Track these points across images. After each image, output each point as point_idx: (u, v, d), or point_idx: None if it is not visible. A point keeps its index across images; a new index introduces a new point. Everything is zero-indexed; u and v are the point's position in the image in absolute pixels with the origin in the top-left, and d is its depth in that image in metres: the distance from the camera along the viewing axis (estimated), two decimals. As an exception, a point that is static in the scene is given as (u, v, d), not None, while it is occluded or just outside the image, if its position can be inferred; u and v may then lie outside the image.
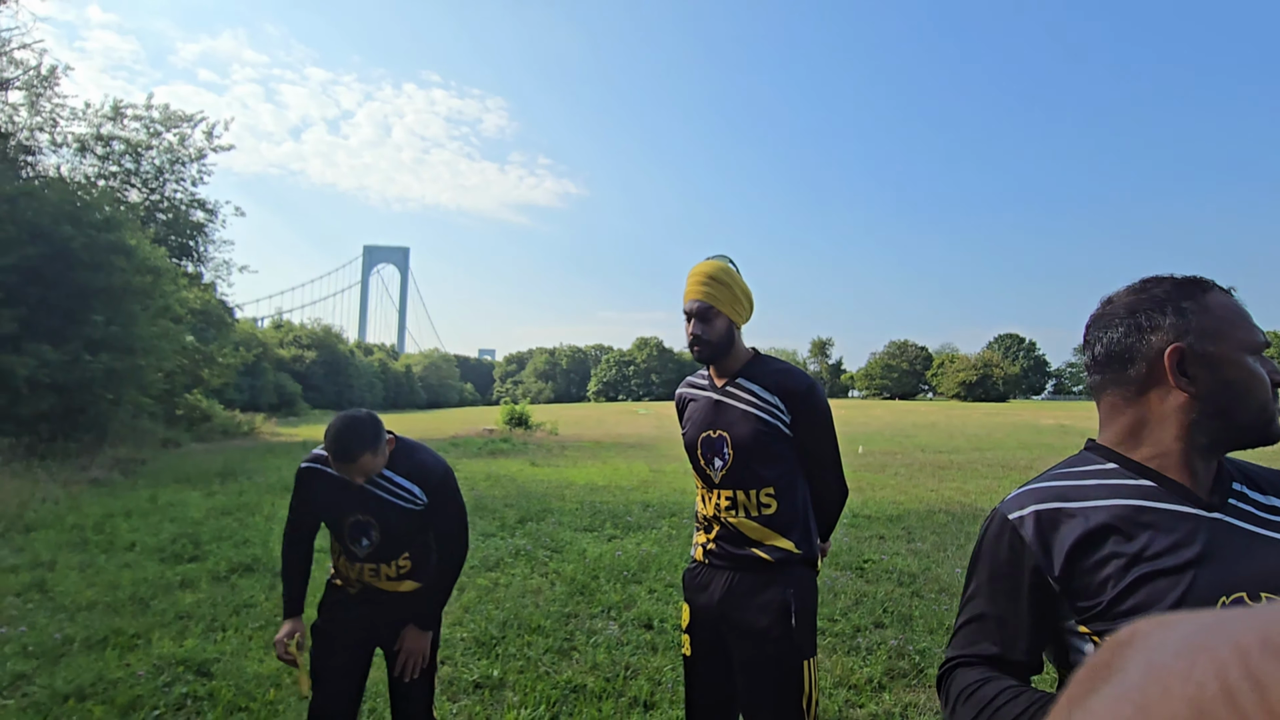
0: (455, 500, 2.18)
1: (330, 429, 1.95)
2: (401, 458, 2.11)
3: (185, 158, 23.86)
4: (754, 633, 1.71)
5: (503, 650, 3.73)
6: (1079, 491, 0.94)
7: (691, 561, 1.93)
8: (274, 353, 58.14)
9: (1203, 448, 0.91)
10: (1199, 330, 0.90)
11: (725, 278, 1.83)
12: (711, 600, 1.79)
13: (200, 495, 9.08)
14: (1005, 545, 0.96)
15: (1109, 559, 0.88)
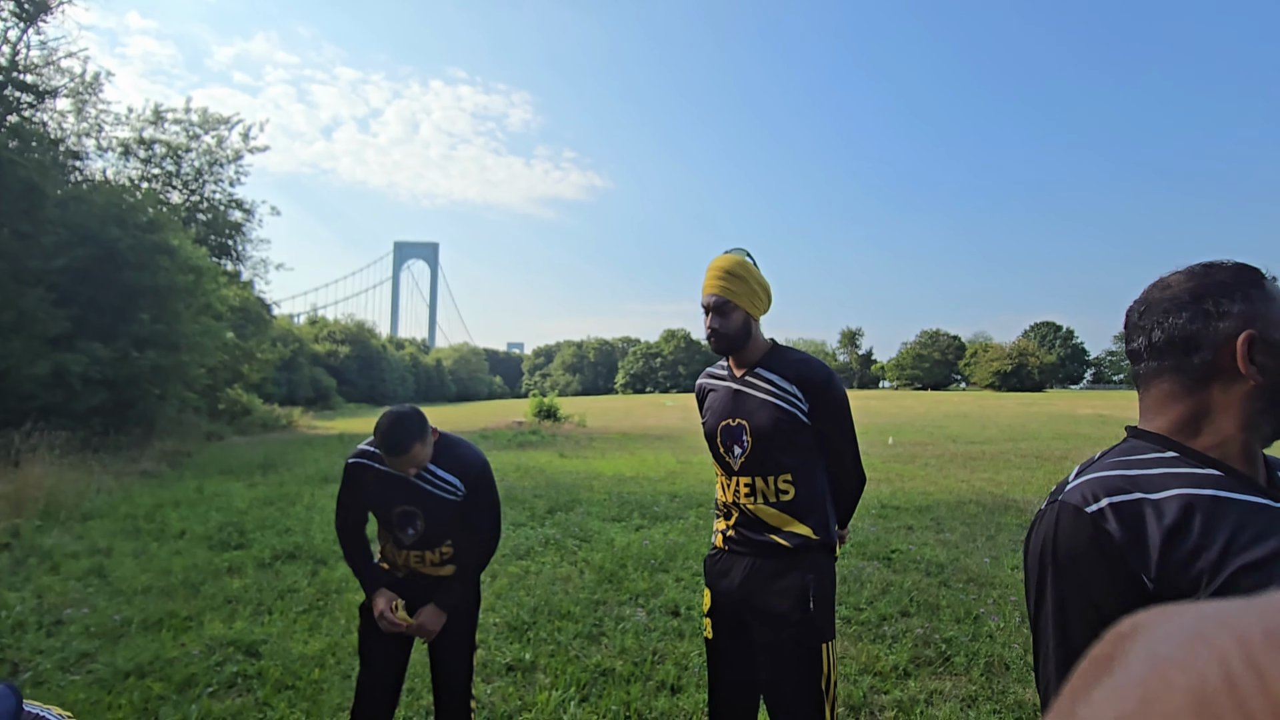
0: (491, 492, 2.29)
1: (380, 425, 2.04)
2: (444, 451, 2.21)
3: (223, 159, 24.56)
4: (774, 616, 1.76)
5: (534, 635, 3.85)
6: (1150, 481, 0.88)
7: (712, 548, 1.99)
8: (309, 348, 59.48)
9: (1265, 437, 0.90)
10: (1267, 317, 0.88)
11: (742, 271, 1.87)
12: (732, 585, 1.85)
13: (243, 486, 9.42)
14: (1086, 541, 0.87)
15: (1200, 552, 0.82)
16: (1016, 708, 3.03)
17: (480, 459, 2.28)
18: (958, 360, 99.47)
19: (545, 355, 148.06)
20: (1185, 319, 0.91)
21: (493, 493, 2.30)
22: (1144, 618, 0.27)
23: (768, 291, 1.94)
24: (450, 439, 2.27)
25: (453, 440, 2.27)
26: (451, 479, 2.21)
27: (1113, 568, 0.85)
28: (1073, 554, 0.88)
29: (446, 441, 2.24)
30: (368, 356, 72.72)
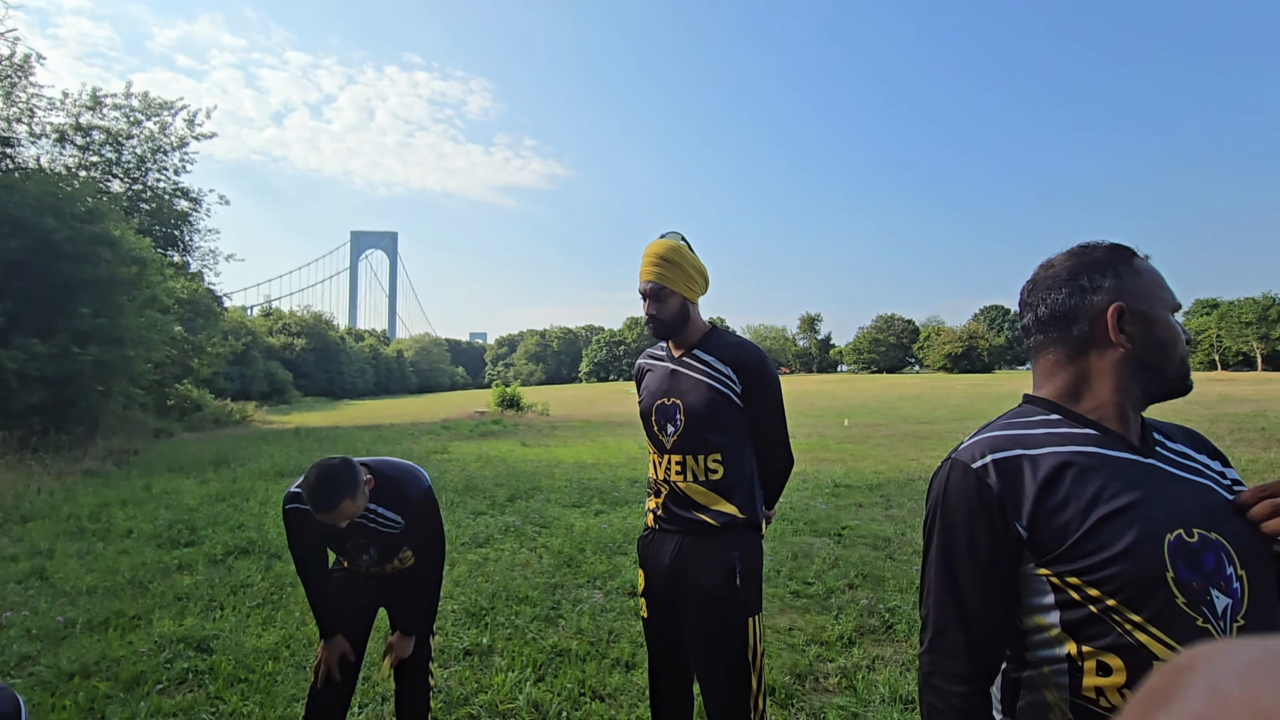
0: (432, 521, 2.28)
1: (308, 481, 1.98)
2: (383, 489, 2.17)
3: (167, 146, 23.56)
4: (702, 593, 1.82)
5: (491, 619, 3.90)
6: (1032, 440, 0.98)
7: (645, 529, 2.04)
8: (264, 341, 57.82)
9: (1136, 400, 0.99)
10: (1134, 291, 0.97)
11: (676, 257, 1.92)
12: (663, 564, 1.91)
13: (194, 483, 9.19)
14: (973, 494, 0.97)
15: (1068, 501, 0.91)
16: (950, 669, 3.21)
17: (420, 491, 2.24)
18: (912, 344, 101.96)
19: (508, 345, 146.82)
20: (1064, 295, 1.01)
21: (434, 522, 2.29)
22: (1203, 651, 0.26)
23: (704, 275, 1.99)
24: (389, 474, 2.21)
25: (391, 475, 2.21)
26: (393, 516, 2.19)
27: (991, 517, 0.95)
28: (958, 505, 0.98)
29: (386, 477, 2.19)
30: (325, 349, 71.00)
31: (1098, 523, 0.89)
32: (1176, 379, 0.99)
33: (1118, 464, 0.94)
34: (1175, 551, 0.88)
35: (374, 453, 12.27)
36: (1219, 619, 0.86)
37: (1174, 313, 1.00)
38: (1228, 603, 0.87)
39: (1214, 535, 0.89)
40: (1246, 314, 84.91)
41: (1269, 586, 0.90)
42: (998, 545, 0.95)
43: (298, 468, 10.24)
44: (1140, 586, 0.87)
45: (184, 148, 23.94)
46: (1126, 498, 0.90)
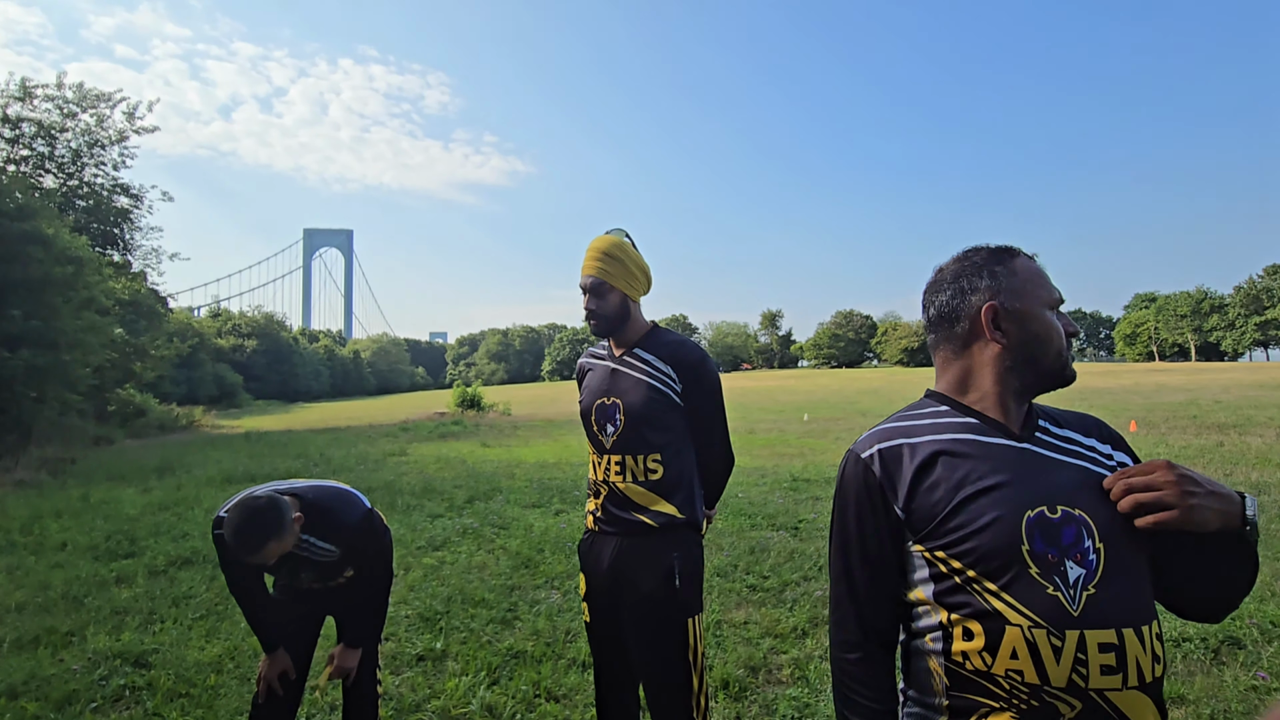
0: (372, 544, 2.19)
1: (230, 522, 1.87)
2: (317, 521, 2.07)
3: (105, 140, 22.54)
4: (641, 595, 1.81)
5: (446, 624, 3.84)
6: (916, 430, 1.08)
7: (585, 532, 2.02)
8: (212, 343, 55.89)
9: (1015, 390, 1.06)
10: (1008, 290, 1.06)
11: (619, 253, 1.89)
12: (602, 567, 1.88)
13: (135, 492, 8.83)
14: (860, 481, 1.08)
15: (939, 484, 1.01)
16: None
17: (355, 517, 2.14)
18: (870, 339, 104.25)
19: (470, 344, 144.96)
20: (948, 296, 1.11)
21: (376, 541, 2.21)
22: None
23: (646, 273, 1.97)
24: (321, 503, 2.09)
25: (323, 504, 2.10)
26: (327, 546, 2.11)
27: (874, 501, 1.07)
28: (849, 492, 1.10)
29: (317, 507, 2.08)
30: (277, 350, 68.95)
31: (962, 502, 0.99)
32: (1053, 370, 1.06)
33: (991, 449, 1.03)
34: (1033, 526, 0.96)
35: (328, 458, 11.98)
36: (1070, 587, 0.94)
37: (1052, 308, 1.07)
38: (1081, 573, 0.94)
39: (1077, 511, 0.97)
40: (1181, 307, 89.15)
41: (1128, 559, 0.96)
42: (880, 526, 1.06)
43: (248, 474, 9.94)
44: (996, 558, 0.96)
45: (124, 142, 22.92)
46: (992, 479, 0.99)
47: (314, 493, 2.12)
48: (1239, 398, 18.67)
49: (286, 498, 2.02)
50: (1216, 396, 19.55)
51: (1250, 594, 3.77)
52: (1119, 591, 0.94)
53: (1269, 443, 9.62)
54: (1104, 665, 0.91)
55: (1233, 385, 24.95)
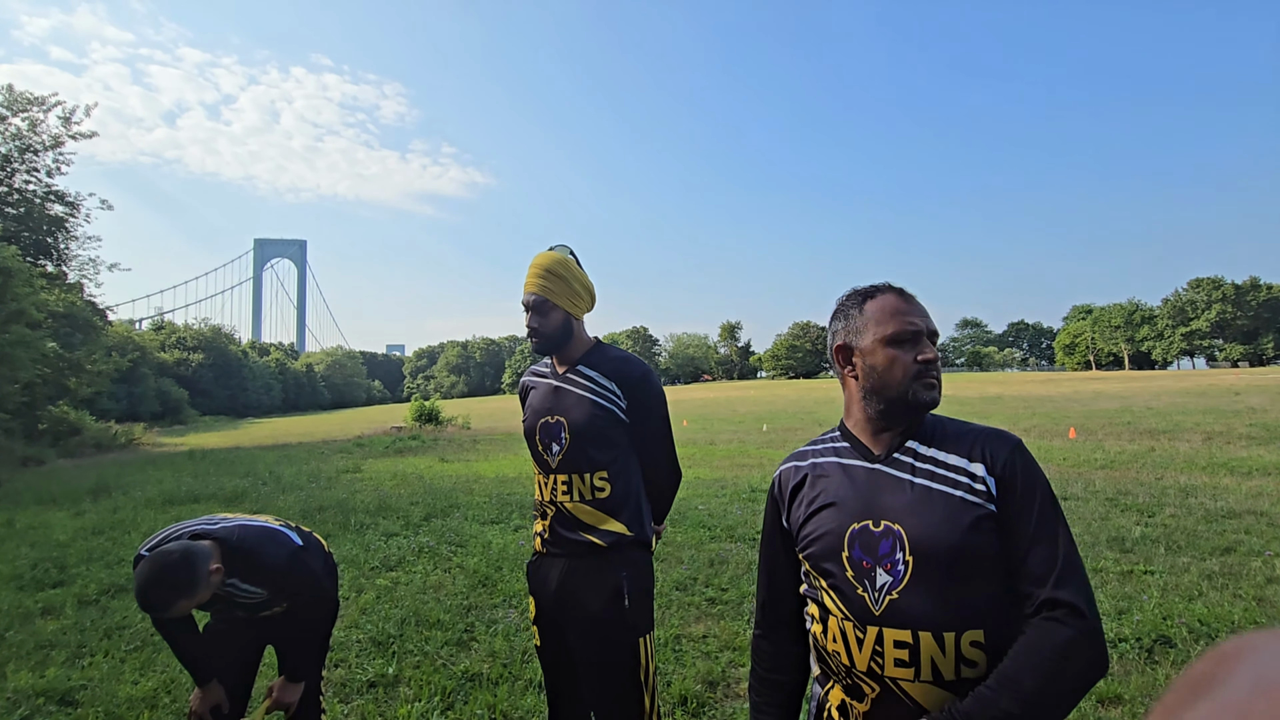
0: (304, 583, 2.11)
1: (139, 576, 1.76)
2: (241, 565, 1.97)
3: (37, 145, 21.56)
4: (589, 616, 1.78)
5: (399, 647, 3.73)
6: (811, 453, 1.28)
7: (533, 554, 1.98)
8: (155, 357, 53.60)
9: (874, 417, 1.19)
10: (854, 329, 1.21)
11: (561, 270, 1.88)
12: (550, 589, 1.85)
13: (67, 515, 8.37)
14: (770, 493, 1.32)
15: (803, 500, 1.22)
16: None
17: (283, 558, 2.03)
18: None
19: (428, 356, 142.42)
20: (827, 337, 1.29)
21: (308, 579, 2.11)
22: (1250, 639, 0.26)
23: (589, 290, 1.95)
24: (244, 547, 1.97)
25: (246, 548, 1.98)
26: (253, 589, 2.02)
27: (775, 510, 1.29)
28: (766, 503, 1.33)
29: (240, 551, 1.96)
30: (225, 364, 66.54)
31: (810, 515, 1.19)
32: (900, 398, 1.16)
33: (847, 470, 1.19)
34: (855, 537, 1.13)
35: (277, 476, 11.57)
36: (875, 590, 1.09)
37: (898, 342, 1.17)
38: (888, 579, 1.08)
39: (895, 526, 1.10)
40: (1115, 319, 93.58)
41: (935, 572, 1.06)
42: (776, 532, 1.28)
43: (191, 494, 9.53)
44: (824, 560, 1.15)
45: (59, 147, 21.97)
46: (836, 496, 1.17)
47: (239, 534, 2.02)
48: (1168, 404, 19.63)
49: (206, 542, 1.94)
50: (1148, 403, 20.52)
51: (1180, 593, 3.91)
52: (919, 599, 1.05)
53: (1195, 448, 10.13)
54: (897, 659, 1.05)
55: (1163, 393, 26.23)
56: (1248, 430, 11.85)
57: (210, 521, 2.07)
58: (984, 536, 1.05)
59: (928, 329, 1.18)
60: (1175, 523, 5.64)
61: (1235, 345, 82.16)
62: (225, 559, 1.96)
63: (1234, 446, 10.06)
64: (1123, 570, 4.48)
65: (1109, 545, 5.09)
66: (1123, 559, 4.74)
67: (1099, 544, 5.13)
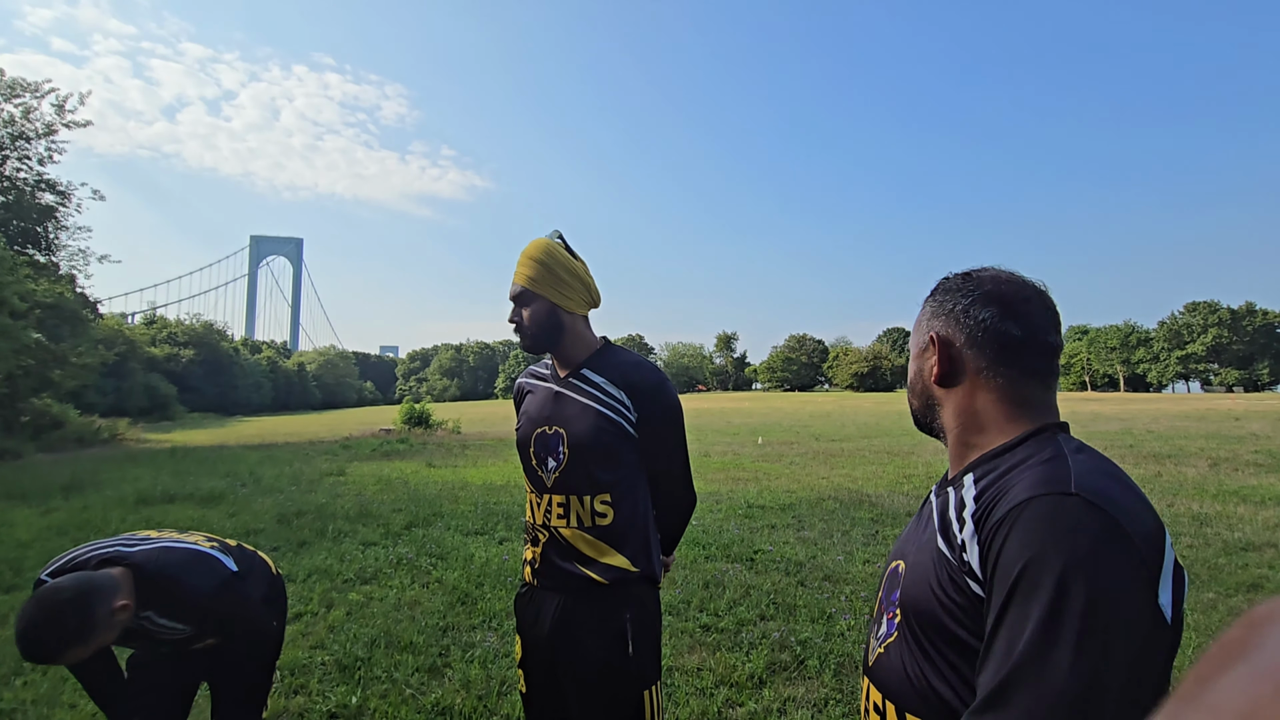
0: (237, 615, 1.85)
1: (21, 618, 1.51)
2: (154, 598, 1.69)
3: (30, 132, 21.27)
4: (589, 664, 1.53)
5: (366, 673, 3.43)
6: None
7: (521, 584, 1.72)
8: (144, 351, 53.00)
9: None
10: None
11: (546, 258, 1.63)
12: (542, 631, 1.60)
13: (35, 513, 8.03)
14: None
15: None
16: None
17: (209, 589, 1.75)
18: (822, 363, 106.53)
19: (422, 359, 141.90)
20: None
21: (242, 611, 1.86)
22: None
23: (583, 281, 1.68)
24: (167, 576, 1.70)
25: (166, 576, 1.70)
26: (172, 624, 1.75)
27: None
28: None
29: (158, 580, 1.69)
30: (216, 361, 65.91)
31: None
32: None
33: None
34: (884, 577, 1.01)
35: (258, 477, 11.22)
36: (875, 639, 0.96)
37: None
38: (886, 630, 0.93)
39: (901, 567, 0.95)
40: (1111, 340, 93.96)
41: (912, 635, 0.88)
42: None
43: (166, 494, 9.17)
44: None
45: (52, 135, 21.67)
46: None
47: (159, 560, 1.73)
48: (1168, 428, 19.45)
49: (116, 571, 1.64)
50: (1148, 426, 20.33)
51: (1211, 634, 3.64)
52: (894, 661, 0.90)
53: (1203, 474, 9.90)
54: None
55: (1161, 415, 26.09)
56: (1253, 457, 11.64)
57: (129, 542, 1.78)
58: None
59: None
60: (1194, 554, 5.38)
61: (1231, 370, 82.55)
62: (139, 590, 1.66)
63: (1242, 474, 9.83)
64: (1144, 605, 4.21)
65: (1126, 577, 4.83)
66: (1142, 593, 4.48)
67: (1115, 575, 4.87)
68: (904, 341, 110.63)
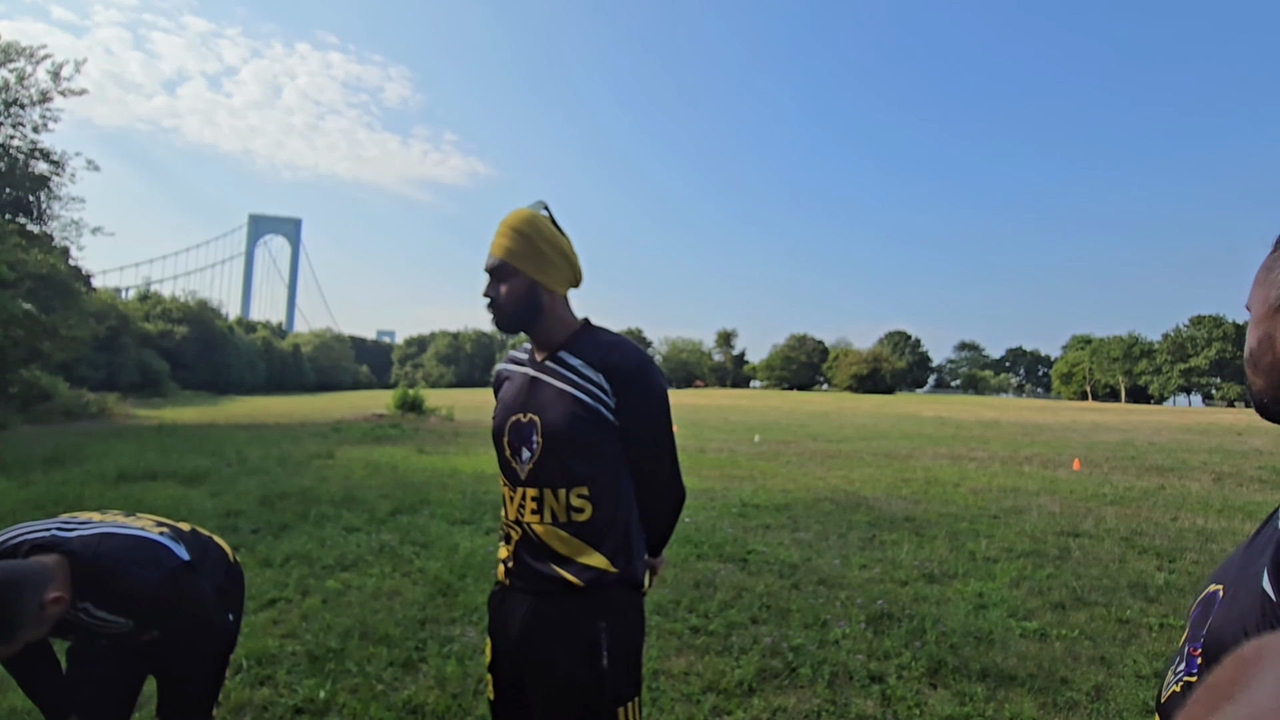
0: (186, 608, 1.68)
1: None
2: (92, 588, 1.54)
3: (25, 99, 20.91)
4: (555, 678, 1.38)
5: (337, 666, 3.26)
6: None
7: (495, 584, 1.56)
8: (138, 326, 52.63)
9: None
10: None
11: (527, 229, 1.47)
12: (511, 635, 1.44)
13: (14, 485, 7.85)
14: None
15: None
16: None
17: (154, 580, 1.58)
18: (821, 363, 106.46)
19: (418, 345, 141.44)
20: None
21: (195, 602, 1.68)
22: (1271, 642, 0.25)
23: (567, 257, 1.52)
24: (106, 566, 1.54)
25: (109, 567, 1.54)
26: (113, 618, 1.60)
27: None
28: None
29: (100, 571, 1.53)
30: (210, 338, 65.47)
31: None
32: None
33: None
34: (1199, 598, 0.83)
35: (244, 457, 11.04)
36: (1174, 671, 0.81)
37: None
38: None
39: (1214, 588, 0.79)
40: (1114, 350, 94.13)
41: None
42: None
43: (148, 470, 8.99)
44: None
45: (46, 102, 21.32)
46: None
47: (99, 547, 1.55)
48: (1170, 440, 19.36)
49: (49, 559, 1.48)
50: (1149, 438, 20.25)
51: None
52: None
53: (1206, 488, 9.78)
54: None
55: (1163, 428, 26.03)
56: (1257, 473, 11.53)
57: (67, 525, 1.60)
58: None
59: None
60: (1199, 570, 5.24)
61: (1233, 385, 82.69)
62: (75, 580, 1.50)
63: (1246, 490, 9.71)
64: (1150, 622, 4.06)
65: (1131, 591, 4.68)
66: (1149, 608, 4.33)
67: (1119, 589, 4.72)
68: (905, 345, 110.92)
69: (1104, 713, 2.97)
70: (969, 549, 5.79)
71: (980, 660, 3.44)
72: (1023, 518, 7.27)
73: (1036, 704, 3.03)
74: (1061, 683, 3.25)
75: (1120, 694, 3.13)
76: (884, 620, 4.03)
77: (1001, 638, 3.76)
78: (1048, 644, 3.72)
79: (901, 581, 4.83)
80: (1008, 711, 2.96)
